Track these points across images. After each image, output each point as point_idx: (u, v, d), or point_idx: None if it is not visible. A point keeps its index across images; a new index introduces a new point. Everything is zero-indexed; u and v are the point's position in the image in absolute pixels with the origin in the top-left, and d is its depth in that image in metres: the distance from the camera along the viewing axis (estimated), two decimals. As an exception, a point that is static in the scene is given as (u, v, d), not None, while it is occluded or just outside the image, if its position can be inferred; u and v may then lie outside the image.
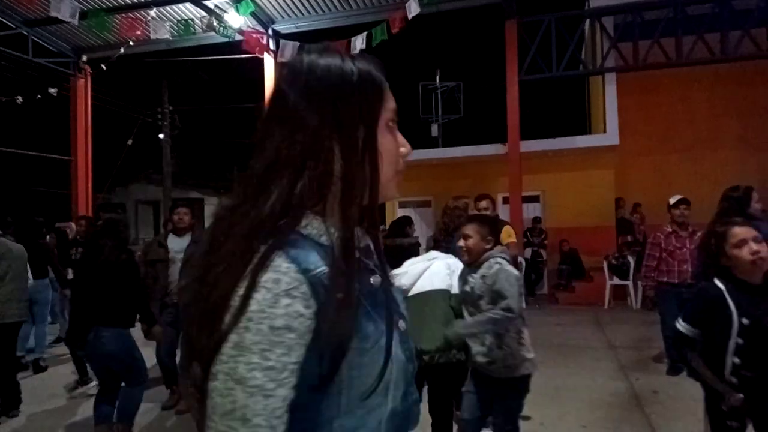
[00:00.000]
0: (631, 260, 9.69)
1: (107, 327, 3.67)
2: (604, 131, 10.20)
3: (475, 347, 2.95)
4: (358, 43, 9.16)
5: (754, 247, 2.27)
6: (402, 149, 0.93)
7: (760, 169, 10.27)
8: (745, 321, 2.24)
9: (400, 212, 10.87)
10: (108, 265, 3.70)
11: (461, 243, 3.01)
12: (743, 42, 9.01)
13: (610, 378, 5.51)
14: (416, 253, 4.48)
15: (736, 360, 2.26)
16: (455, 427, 3.28)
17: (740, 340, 2.24)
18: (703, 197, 5.86)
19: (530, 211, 10.52)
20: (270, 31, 10.71)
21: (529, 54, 9.90)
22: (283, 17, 10.75)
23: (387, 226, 7.60)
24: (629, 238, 10.32)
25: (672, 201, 5.70)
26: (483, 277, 2.91)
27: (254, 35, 10.12)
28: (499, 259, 2.91)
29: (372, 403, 0.85)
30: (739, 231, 2.34)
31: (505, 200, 10.73)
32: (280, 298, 0.75)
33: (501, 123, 10.31)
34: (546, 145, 10.65)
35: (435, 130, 16.89)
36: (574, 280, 10.44)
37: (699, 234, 5.17)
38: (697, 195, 6.23)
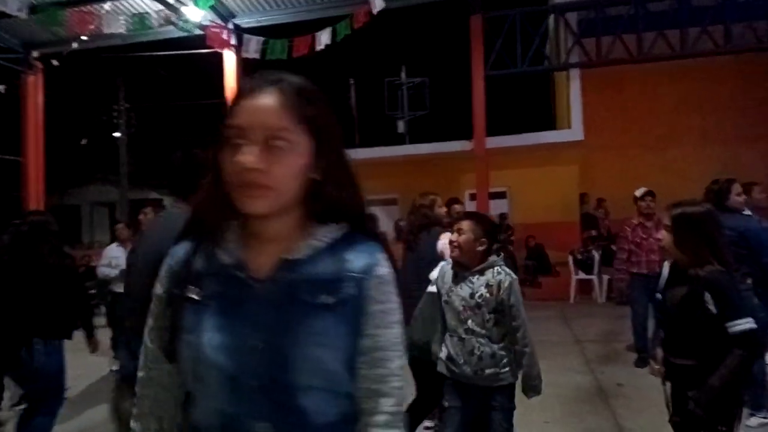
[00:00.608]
0: (596, 255, 9.77)
1: (44, 339, 3.33)
2: (569, 127, 10.27)
3: (463, 365, 2.74)
4: (323, 38, 8.97)
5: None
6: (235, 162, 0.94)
7: (720, 163, 10.46)
8: (658, 296, 2.41)
9: (367, 210, 10.73)
10: (48, 271, 3.40)
11: (453, 237, 2.82)
12: (702, 39, 9.14)
13: (575, 372, 5.52)
14: None
15: (661, 334, 2.51)
16: None
17: (658, 314, 2.42)
18: (667, 191, 5.86)
19: (497, 207, 10.51)
20: (231, 26, 10.42)
21: (494, 49, 9.87)
22: (244, 11, 10.46)
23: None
24: (594, 232, 10.42)
25: (638, 193, 5.76)
26: (489, 285, 2.71)
27: (215, 30, 9.82)
28: (506, 269, 2.78)
29: (191, 397, 0.99)
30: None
31: (472, 197, 10.71)
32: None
33: (467, 119, 10.28)
34: (512, 141, 10.66)
35: (401, 126, 16.81)
36: (540, 276, 10.49)
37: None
38: (661, 189, 6.25)
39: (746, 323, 2.10)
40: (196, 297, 0.96)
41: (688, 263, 2.28)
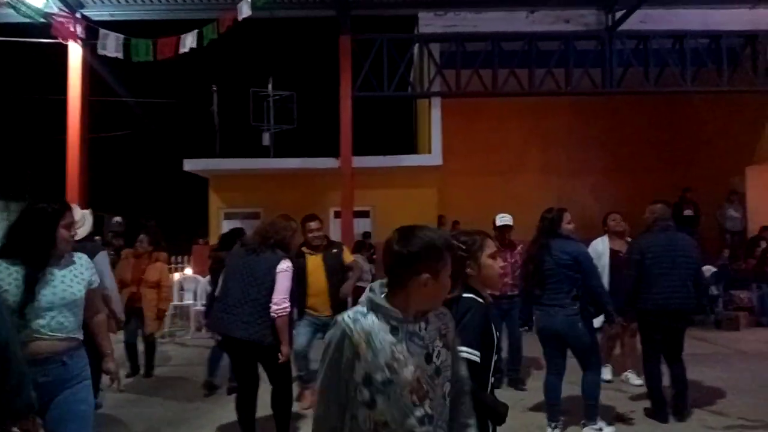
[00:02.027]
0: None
1: None
2: (429, 152, 10.74)
3: None
4: (188, 41, 8.45)
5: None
6: None
7: (558, 192, 11.64)
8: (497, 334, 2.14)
9: (227, 224, 10.26)
10: None
11: None
12: (547, 79, 10.14)
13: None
14: None
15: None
16: None
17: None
18: (513, 217, 6.30)
19: (361, 225, 10.65)
20: (79, 16, 9.45)
21: (362, 71, 10.06)
22: (95, 2, 9.58)
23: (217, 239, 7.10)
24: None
25: (498, 222, 6.05)
26: (442, 335, 2.32)
27: (60, 19, 8.81)
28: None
29: None
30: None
31: (337, 214, 10.72)
32: None
33: (334, 137, 10.30)
34: (376, 162, 10.90)
35: (266, 139, 16.41)
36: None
37: (519, 248, 5.58)
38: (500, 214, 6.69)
39: (469, 354, 1.92)
40: None
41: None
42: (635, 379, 5.55)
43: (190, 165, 11.35)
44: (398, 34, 10.91)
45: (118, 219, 9.98)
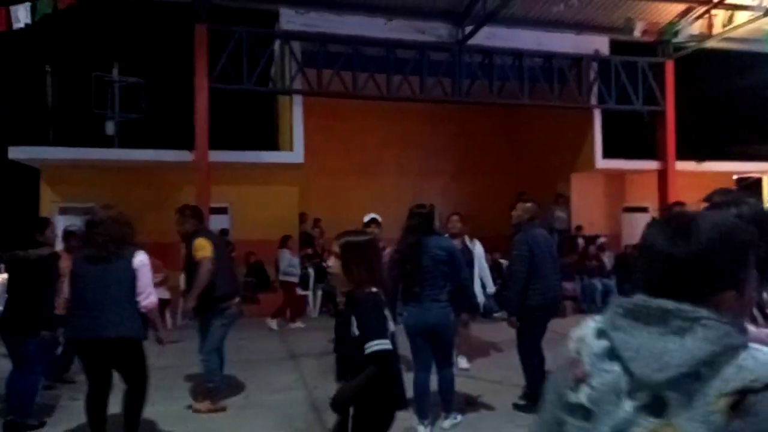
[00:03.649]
0: (312, 272, 10.35)
1: None
2: (291, 149, 10.71)
3: None
4: (21, 14, 7.49)
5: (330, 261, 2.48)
6: None
7: (412, 193, 12.26)
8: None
9: (63, 220, 9.30)
10: None
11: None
12: (403, 85, 10.65)
13: (290, 389, 5.67)
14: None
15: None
16: None
17: None
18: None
19: (218, 222, 10.27)
20: None
21: (219, 63, 9.74)
22: None
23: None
24: (310, 250, 11.04)
25: (365, 219, 6.23)
26: None
27: None
28: None
29: None
30: None
31: (191, 211, 10.24)
32: None
33: (188, 129, 9.83)
34: (235, 157, 10.61)
35: (110, 128, 15.11)
36: (260, 292, 10.59)
37: (388, 250, 5.78)
38: (367, 212, 6.97)
39: (379, 345, 2.24)
40: None
41: (352, 287, 2.48)
42: (464, 363, 6.15)
43: (16, 153, 10.04)
44: (258, 28, 10.71)
45: None
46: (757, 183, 11.82)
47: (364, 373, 2.23)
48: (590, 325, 1.09)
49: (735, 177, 12.22)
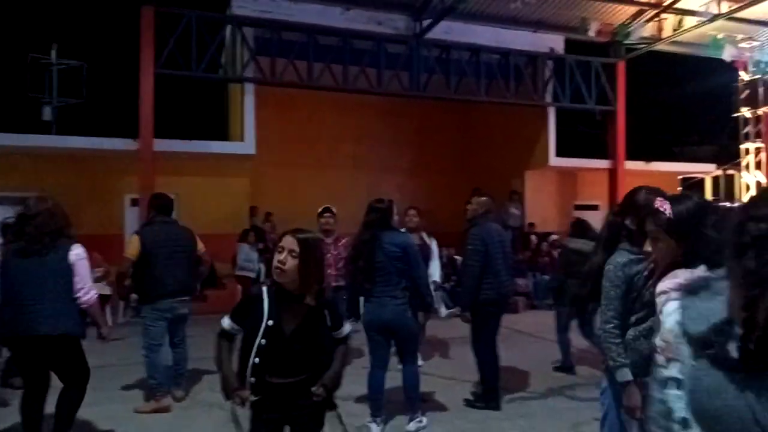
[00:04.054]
0: (262, 267, 10.01)
1: None
2: (242, 140, 10.32)
3: None
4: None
5: (280, 257, 2.38)
6: None
7: (368, 187, 12.06)
8: (270, 323, 2.37)
9: (-8, 211, 8.62)
10: None
11: None
12: (360, 77, 10.42)
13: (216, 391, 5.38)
14: None
15: (257, 360, 2.36)
16: None
17: (263, 341, 2.35)
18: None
19: (162, 215, 9.77)
20: None
21: (166, 47, 9.26)
22: None
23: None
24: (261, 245, 10.68)
25: (319, 210, 6.01)
26: None
27: None
28: None
29: None
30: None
31: (134, 202, 9.78)
32: None
33: (132, 116, 9.33)
34: (181, 147, 10.16)
35: (48, 113, 14.25)
36: (208, 288, 10.16)
37: (344, 240, 5.57)
38: (321, 206, 6.74)
39: (348, 328, 2.67)
40: None
41: (301, 285, 2.40)
42: (419, 360, 6.01)
43: (-62, 137, 9.28)
44: (209, 12, 10.25)
45: None
46: (700, 183, 12.23)
47: (341, 351, 2.57)
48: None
49: (680, 177, 12.60)
